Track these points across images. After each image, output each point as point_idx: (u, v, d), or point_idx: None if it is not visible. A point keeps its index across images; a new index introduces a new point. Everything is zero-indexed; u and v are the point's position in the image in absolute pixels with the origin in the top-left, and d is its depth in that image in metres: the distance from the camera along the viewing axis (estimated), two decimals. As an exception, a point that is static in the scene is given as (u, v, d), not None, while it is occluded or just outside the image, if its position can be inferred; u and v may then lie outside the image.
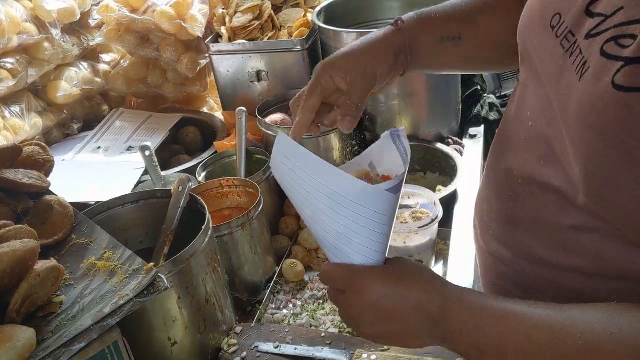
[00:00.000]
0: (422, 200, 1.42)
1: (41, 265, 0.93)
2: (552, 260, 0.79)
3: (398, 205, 0.81)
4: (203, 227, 1.13)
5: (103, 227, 1.22)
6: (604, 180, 0.64)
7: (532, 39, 0.80)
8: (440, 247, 1.45)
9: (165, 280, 0.94)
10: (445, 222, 1.41)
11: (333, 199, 0.78)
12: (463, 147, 1.71)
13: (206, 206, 1.19)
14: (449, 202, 1.49)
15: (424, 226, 1.31)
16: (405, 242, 1.33)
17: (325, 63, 0.99)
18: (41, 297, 0.91)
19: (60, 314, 0.92)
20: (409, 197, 1.43)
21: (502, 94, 2.26)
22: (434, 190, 1.57)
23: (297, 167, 0.80)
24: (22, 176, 1.11)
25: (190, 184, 1.24)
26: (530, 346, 0.67)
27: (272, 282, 1.40)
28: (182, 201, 1.22)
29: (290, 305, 1.35)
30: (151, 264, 0.96)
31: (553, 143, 0.75)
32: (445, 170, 1.65)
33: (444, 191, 1.51)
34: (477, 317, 0.73)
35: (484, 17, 1.02)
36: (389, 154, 0.92)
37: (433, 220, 1.32)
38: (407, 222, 1.35)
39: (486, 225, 0.95)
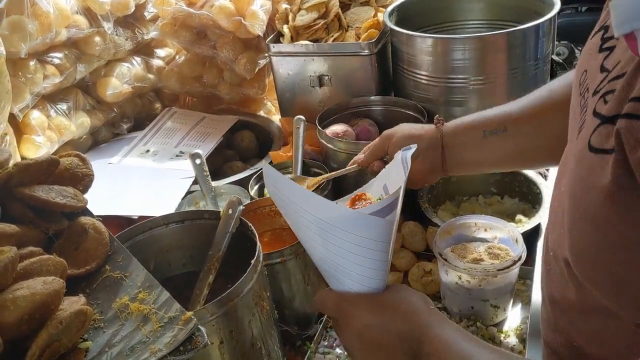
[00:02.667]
0: (501, 234, 1.24)
1: (67, 305, 0.82)
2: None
3: (394, 228, 0.78)
4: (252, 261, 0.99)
5: (145, 248, 1.13)
6: (583, 255, 0.61)
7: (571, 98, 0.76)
8: (518, 287, 1.27)
9: (206, 334, 0.80)
10: (526, 258, 1.23)
11: (321, 227, 0.77)
12: (547, 169, 1.51)
13: (257, 236, 1.05)
14: (530, 236, 1.31)
15: (504, 268, 1.14)
16: (480, 285, 1.16)
17: (387, 134, 1.15)
18: (64, 345, 0.79)
19: (85, 364, 0.80)
20: (485, 230, 1.26)
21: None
22: (512, 218, 1.39)
23: (286, 197, 0.80)
24: (55, 194, 0.99)
25: (241, 207, 1.10)
26: None
27: (326, 315, 1.25)
28: (231, 226, 1.09)
29: (345, 344, 1.21)
30: (190, 313, 0.82)
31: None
32: (527, 196, 1.46)
33: (526, 224, 1.33)
34: (446, 354, 0.72)
35: (529, 110, 1.02)
36: (398, 175, 0.89)
37: (515, 262, 1.15)
38: (482, 260, 1.18)
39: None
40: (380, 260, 0.78)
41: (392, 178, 0.93)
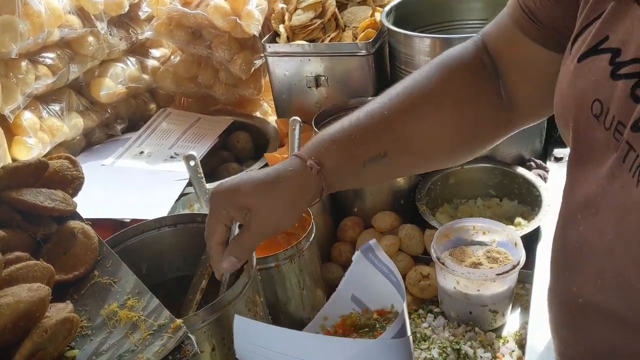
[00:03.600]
0: (500, 237, 1.22)
1: (53, 313, 0.79)
2: None
3: (412, 345, 0.73)
4: (245, 266, 0.97)
5: (136, 252, 1.11)
6: None
7: (578, 127, 0.67)
8: (518, 291, 1.25)
9: (195, 343, 0.78)
10: (525, 262, 1.20)
11: None
12: (547, 171, 1.49)
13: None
14: (530, 239, 1.29)
15: (503, 273, 1.12)
16: (479, 290, 1.14)
17: (220, 194, 0.87)
18: (50, 354, 0.77)
19: (72, 374, 0.78)
20: (484, 233, 1.24)
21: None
22: (511, 221, 1.37)
23: (271, 352, 0.74)
24: (43, 198, 0.97)
25: (234, 211, 1.08)
26: None
27: (321, 320, 1.23)
28: (225, 230, 1.06)
29: (341, 349, 1.19)
30: (179, 321, 0.80)
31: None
32: (526, 199, 1.44)
33: (525, 227, 1.30)
34: None
35: (412, 125, 0.88)
36: (368, 277, 0.82)
37: (514, 267, 1.13)
38: (481, 263, 1.16)
39: None
40: None
41: (364, 284, 0.86)
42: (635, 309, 0.59)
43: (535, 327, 1.12)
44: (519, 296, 1.26)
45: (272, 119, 1.83)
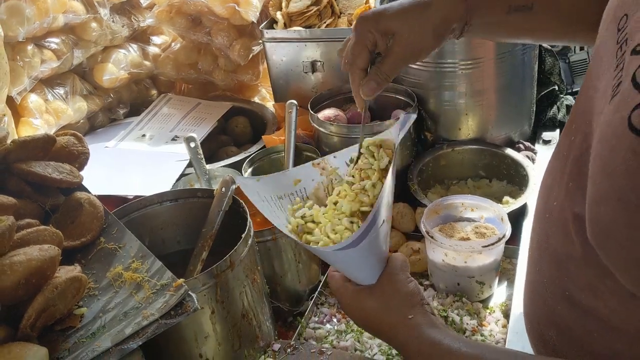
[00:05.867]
0: (488, 213, 1.27)
1: (63, 273, 0.85)
2: (579, 299, 0.71)
3: (375, 247, 0.82)
4: (243, 235, 1.02)
5: (139, 225, 1.16)
6: (603, 228, 0.56)
7: (600, 40, 0.67)
8: (504, 266, 1.31)
9: (196, 300, 0.84)
10: (512, 238, 1.26)
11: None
12: (535, 153, 1.55)
13: (248, 211, 1.08)
14: (517, 216, 1.34)
15: (489, 245, 1.17)
16: (466, 262, 1.19)
17: (368, 16, 0.86)
18: (60, 310, 0.83)
19: (80, 329, 0.84)
20: (472, 210, 1.29)
21: (574, 90, 2.06)
22: (500, 200, 1.42)
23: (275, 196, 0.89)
24: (52, 170, 1.02)
25: (234, 186, 1.13)
26: None
27: (317, 292, 1.29)
28: (224, 204, 1.12)
29: (335, 320, 1.24)
30: (181, 280, 0.86)
31: (581, 164, 0.65)
32: (514, 179, 1.49)
33: (512, 204, 1.36)
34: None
35: None
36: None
37: (500, 239, 1.18)
38: (469, 239, 1.21)
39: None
40: (367, 268, 0.85)
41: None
42: (599, 237, 0.61)
43: (519, 297, 1.18)
44: (506, 270, 1.31)
45: (270, 104, 1.88)
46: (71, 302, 0.84)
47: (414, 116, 0.88)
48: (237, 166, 1.51)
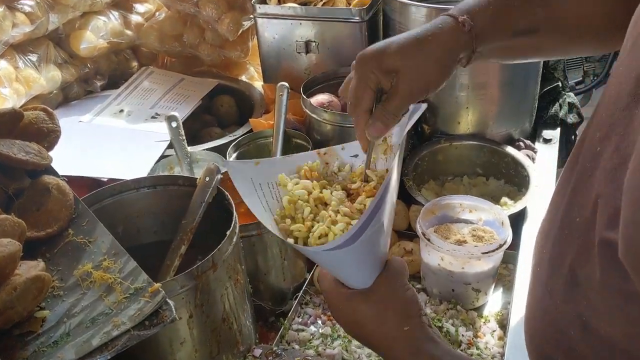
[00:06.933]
0: (487, 216, 1.20)
1: (23, 271, 0.75)
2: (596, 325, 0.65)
3: (368, 250, 0.75)
4: (228, 232, 0.93)
5: (113, 213, 1.07)
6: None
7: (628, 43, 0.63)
8: (501, 271, 1.24)
9: (174, 309, 0.75)
10: (511, 243, 1.19)
11: None
12: (535, 152, 1.48)
13: (234, 206, 0.99)
14: (515, 220, 1.27)
15: (489, 252, 1.10)
16: (463, 268, 1.12)
17: (368, 56, 0.80)
18: (19, 313, 0.74)
19: (41, 335, 0.75)
20: (470, 211, 1.21)
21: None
22: (496, 200, 1.35)
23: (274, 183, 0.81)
24: (17, 149, 0.92)
25: (220, 175, 1.04)
26: None
27: (301, 291, 1.21)
28: (208, 195, 1.03)
29: (319, 322, 1.17)
30: (158, 285, 0.76)
31: (614, 178, 0.60)
32: (514, 179, 1.42)
33: (512, 207, 1.28)
34: None
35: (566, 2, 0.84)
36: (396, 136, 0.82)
37: (501, 246, 1.11)
38: (465, 241, 1.14)
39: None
40: (361, 271, 0.78)
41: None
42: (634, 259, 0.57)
43: (518, 309, 1.11)
44: (502, 276, 1.24)
45: (259, 84, 1.78)
46: (32, 304, 0.75)
47: (423, 106, 0.82)
48: (221, 150, 1.41)
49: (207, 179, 1.04)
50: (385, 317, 0.77)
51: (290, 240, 0.76)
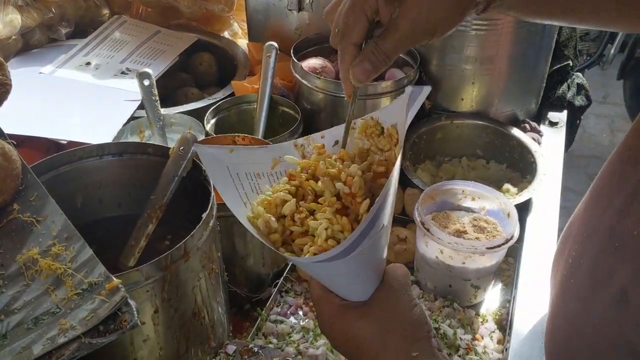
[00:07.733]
0: (490, 205, 1.09)
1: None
2: None
3: (365, 260, 0.64)
4: (204, 215, 0.80)
5: (71, 181, 0.93)
6: None
7: None
8: (501, 266, 1.13)
9: (136, 312, 0.62)
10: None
11: None
12: (541, 135, 1.36)
13: (211, 181, 0.86)
14: (520, 210, 1.16)
15: (494, 247, 0.98)
16: (464, 263, 1.01)
17: None
18: (-56, 307, 0.60)
19: (-29, 336, 0.61)
20: (473, 199, 1.10)
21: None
22: (498, 187, 1.23)
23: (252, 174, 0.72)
24: (-46, 104, 0.76)
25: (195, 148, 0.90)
26: None
27: (282, 277, 1.09)
28: (182, 168, 0.89)
29: (300, 313, 1.05)
30: (117, 282, 0.63)
31: None
32: (517, 164, 1.31)
33: (518, 197, 1.17)
34: None
35: None
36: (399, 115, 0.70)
37: (507, 241, 1.00)
38: (465, 232, 1.03)
39: None
40: (354, 284, 0.68)
41: (395, 117, 0.72)
42: None
43: (521, 309, 1.02)
44: (502, 271, 1.14)
45: (243, 42, 1.63)
46: (-39, 296, 0.61)
47: (427, 89, 0.71)
48: (198, 114, 1.27)
49: (182, 149, 0.90)
50: (389, 339, 0.66)
51: (282, 250, 0.65)
